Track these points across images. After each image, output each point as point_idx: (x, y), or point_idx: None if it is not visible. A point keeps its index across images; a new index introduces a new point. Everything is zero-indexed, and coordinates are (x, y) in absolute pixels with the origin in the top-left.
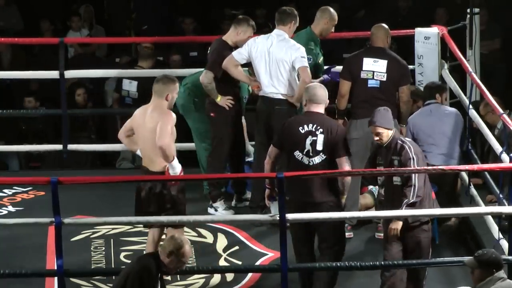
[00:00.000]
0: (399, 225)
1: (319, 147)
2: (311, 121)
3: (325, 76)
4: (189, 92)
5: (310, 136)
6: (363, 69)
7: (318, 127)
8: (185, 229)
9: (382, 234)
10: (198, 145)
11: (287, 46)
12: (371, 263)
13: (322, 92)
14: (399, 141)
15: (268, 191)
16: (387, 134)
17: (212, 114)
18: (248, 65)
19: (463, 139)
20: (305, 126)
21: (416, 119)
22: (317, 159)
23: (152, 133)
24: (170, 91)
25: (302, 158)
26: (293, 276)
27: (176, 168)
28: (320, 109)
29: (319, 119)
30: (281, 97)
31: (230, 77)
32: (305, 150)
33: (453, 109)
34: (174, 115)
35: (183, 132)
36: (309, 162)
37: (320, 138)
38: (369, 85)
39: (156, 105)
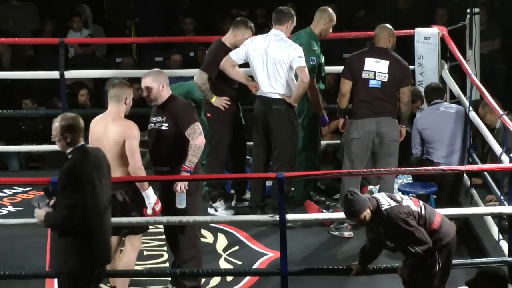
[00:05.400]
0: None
1: None
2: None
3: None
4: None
5: None
6: (365, 69)
7: None
8: None
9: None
10: None
11: (285, 46)
12: (371, 267)
13: None
14: (382, 211)
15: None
16: (368, 213)
17: (208, 115)
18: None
19: (465, 135)
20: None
21: (424, 118)
22: None
23: (116, 145)
24: (128, 95)
25: None
26: (293, 276)
27: (151, 197)
28: None
29: None
30: (278, 96)
31: (226, 77)
32: None
33: (458, 106)
34: (136, 127)
35: None
36: None
37: None
38: (370, 85)
39: (116, 113)
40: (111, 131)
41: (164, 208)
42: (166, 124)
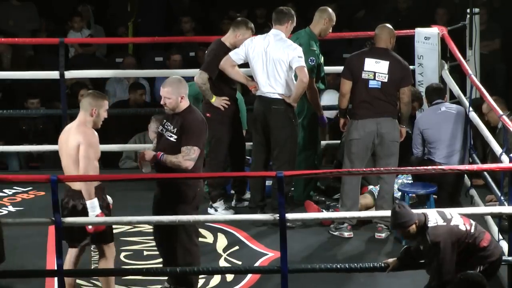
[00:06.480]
0: None
1: None
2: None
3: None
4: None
5: None
6: (365, 69)
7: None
8: None
9: (382, 234)
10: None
11: (284, 46)
12: (371, 265)
13: None
14: (427, 227)
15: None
16: (413, 228)
17: (208, 115)
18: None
19: (466, 135)
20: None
21: (425, 118)
22: None
23: (74, 150)
24: (98, 107)
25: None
26: (293, 277)
27: (96, 209)
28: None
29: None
30: (278, 96)
31: (226, 77)
32: None
33: (459, 107)
34: (96, 135)
35: None
36: None
37: None
38: (370, 86)
39: (81, 121)
40: (71, 137)
41: (161, 210)
42: (175, 137)
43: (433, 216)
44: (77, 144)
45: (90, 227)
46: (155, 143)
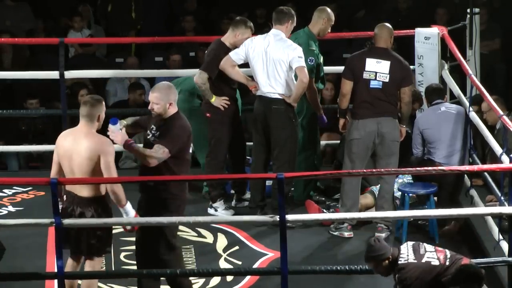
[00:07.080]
0: None
1: None
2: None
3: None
4: (188, 97)
5: None
6: (366, 69)
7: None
8: (185, 228)
9: (382, 234)
10: (202, 149)
11: (284, 46)
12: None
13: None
14: (396, 264)
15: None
16: (385, 263)
17: (208, 115)
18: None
19: (466, 135)
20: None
21: (425, 118)
22: None
23: (89, 161)
24: (100, 112)
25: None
26: (293, 276)
27: (130, 213)
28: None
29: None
30: (278, 96)
31: (226, 77)
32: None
33: (459, 107)
34: (110, 142)
35: None
36: None
37: None
38: (371, 86)
39: (88, 129)
40: (84, 147)
41: (145, 212)
42: (159, 140)
43: (406, 252)
44: (95, 154)
45: (129, 227)
46: (128, 121)
